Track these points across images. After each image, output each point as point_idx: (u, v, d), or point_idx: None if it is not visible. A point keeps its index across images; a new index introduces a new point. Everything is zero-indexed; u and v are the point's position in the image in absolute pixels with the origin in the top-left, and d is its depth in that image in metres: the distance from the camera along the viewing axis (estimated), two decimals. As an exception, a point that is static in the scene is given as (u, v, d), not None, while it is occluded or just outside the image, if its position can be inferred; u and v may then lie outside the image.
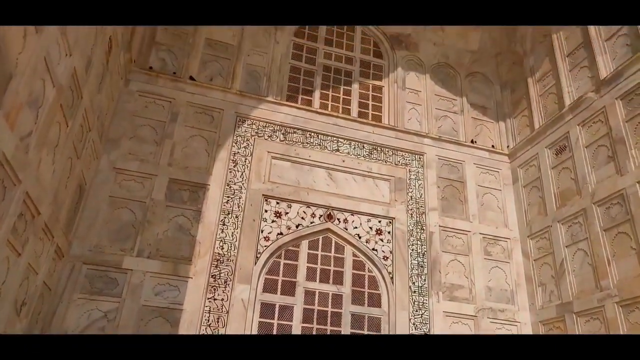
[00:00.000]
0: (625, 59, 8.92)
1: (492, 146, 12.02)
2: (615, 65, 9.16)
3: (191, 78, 10.21)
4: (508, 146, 12.05)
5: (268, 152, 10.10)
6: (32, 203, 5.74)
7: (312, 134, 10.61)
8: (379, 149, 10.98)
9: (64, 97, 6.13)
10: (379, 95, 11.97)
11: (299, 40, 12.00)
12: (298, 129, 10.56)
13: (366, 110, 11.59)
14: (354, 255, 9.82)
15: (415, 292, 9.65)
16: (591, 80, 9.84)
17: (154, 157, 9.21)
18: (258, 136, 10.20)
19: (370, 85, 12.04)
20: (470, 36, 13.09)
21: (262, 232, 9.33)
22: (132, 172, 8.93)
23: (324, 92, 11.52)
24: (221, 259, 8.81)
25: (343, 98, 11.58)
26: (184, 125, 9.73)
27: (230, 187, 9.47)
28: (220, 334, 8.24)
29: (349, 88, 11.77)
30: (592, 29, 9.93)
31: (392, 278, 9.70)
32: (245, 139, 10.07)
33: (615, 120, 8.93)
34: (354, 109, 11.47)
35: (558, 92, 10.74)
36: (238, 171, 9.67)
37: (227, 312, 8.42)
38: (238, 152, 9.87)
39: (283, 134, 10.42)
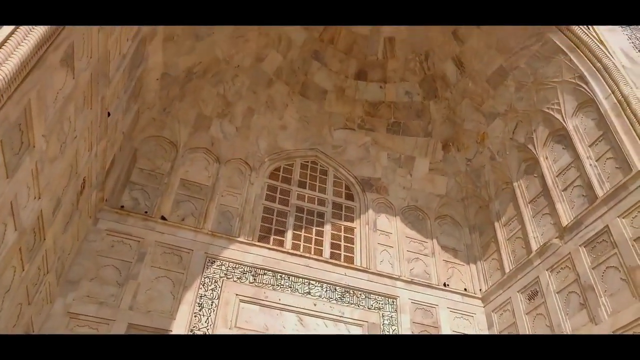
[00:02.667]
0: (583, 208, 9.38)
1: (465, 289, 11.91)
2: (575, 214, 9.59)
3: (162, 218, 10.15)
4: (480, 289, 11.96)
5: (236, 294, 9.71)
6: (-34, 359, 5.15)
7: (283, 275, 10.37)
8: (351, 292, 10.71)
9: (25, 240, 5.91)
10: (351, 236, 12.06)
11: (273, 182, 12.36)
12: (269, 270, 10.33)
13: (338, 252, 11.56)
14: (325, 412, 8.94)
15: None
16: (554, 226, 10.20)
17: (115, 300, 8.69)
18: (227, 278, 9.89)
19: (342, 226, 12.18)
20: (438, 181, 13.76)
21: (224, 385, 8.52)
22: (88, 317, 8.33)
23: (297, 232, 11.54)
24: (177, 419, 7.86)
25: (315, 239, 11.60)
26: (151, 265, 9.40)
27: (194, 333, 8.87)
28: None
29: (321, 229, 11.86)
30: (548, 179, 10.57)
31: None
32: (214, 280, 9.72)
33: (582, 267, 9.07)
34: (326, 250, 11.43)
35: (524, 237, 11.03)
36: (204, 315, 9.15)
37: None
38: (205, 295, 9.44)
39: (253, 275, 10.15)
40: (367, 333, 10.16)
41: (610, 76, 9.43)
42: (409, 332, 10.48)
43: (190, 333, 8.82)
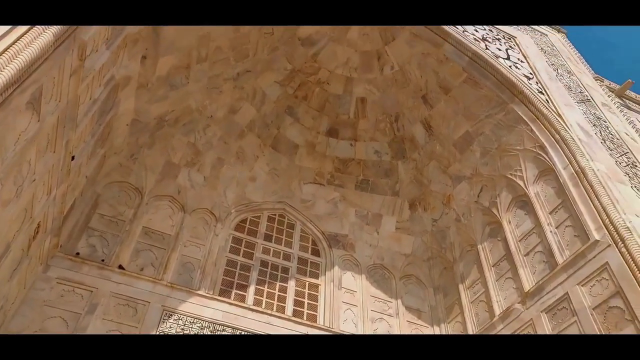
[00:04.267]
0: (544, 274, 9.51)
1: (429, 353, 11.69)
2: (536, 280, 9.71)
3: (120, 267, 9.74)
4: (444, 353, 11.75)
5: (192, 352, 9.22)
6: None
7: (243, 333, 9.97)
8: (312, 352, 10.34)
9: (-34, 287, 5.52)
10: (315, 293, 11.81)
11: (239, 234, 12.14)
12: (228, 326, 9.92)
13: (301, 309, 11.26)
14: None
15: None
16: (516, 291, 10.26)
17: (59, 355, 8.10)
18: (184, 333, 9.43)
19: (307, 282, 11.95)
20: (404, 240, 13.81)
21: None
22: (28, 373, 7.70)
23: (259, 287, 11.24)
24: None
25: (278, 295, 11.30)
26: (102, 318, 8.89)
27: (143, 393, 8.30)
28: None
29: (285, 285, 11.59)
30: (511, 243, 10.75)
31: None
32: (169, 335, 9.25)
33: (543, 333, 9.07)
34: (289, 307, 11.12)
35: (487, 300, 11.04)
36: (154, 374, 8.61)
37: None
38: (158, 351, 8.93)
39: (211, 331, 9.72)
40: (327, 397, 9.74)
41: (568, 148, 9.90)
42: (370, 397, 10.10)
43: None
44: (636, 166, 10.33)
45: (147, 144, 11.62)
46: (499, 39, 13.64)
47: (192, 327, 9.59)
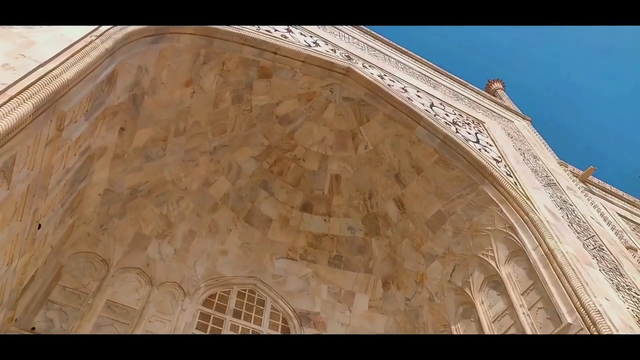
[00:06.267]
0: None
1: None
2: (511, 364, 9.51)
3: (77, 344, 9.15)
4: None
5: None
6: None
7: (205, 419, 9.28)
8: None
9: None
10: (284, 375, 11.23)
11: (207, 309, 11.69)
12: (189, 412, 9.24)
13: (269, 393, 10.63)
14: None
15: None
16: (491, 376, 10.00)
17: None
18: (140, 420, 8.72)
19: (276, 364, 11.39)
20: (377, 319, 13.49)
21: None
22: None
23: (226, 368, 10.64)
24: None
25: (245, 377, 10.69)
26: (52, 401, 8.19)
27: None
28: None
29: (252, 366, 11.02)
30: (485, 325, 10.58)
31: None
32: (124, 422, 8.53)
33: (521, 423, 8.75)
34: (256, 390, 10.50)
35: (462, 386, 10.68)
36: None
37: None
38: None
39: (171, 418, 9.02)
40: None
41: (537, 229, 10.12)
42: None
43: None
44: (602, 249, 10.60)
45: (118, 214, 11.40)
46: (468, 124, 14.35)
47: (150, 413, 8.89)
